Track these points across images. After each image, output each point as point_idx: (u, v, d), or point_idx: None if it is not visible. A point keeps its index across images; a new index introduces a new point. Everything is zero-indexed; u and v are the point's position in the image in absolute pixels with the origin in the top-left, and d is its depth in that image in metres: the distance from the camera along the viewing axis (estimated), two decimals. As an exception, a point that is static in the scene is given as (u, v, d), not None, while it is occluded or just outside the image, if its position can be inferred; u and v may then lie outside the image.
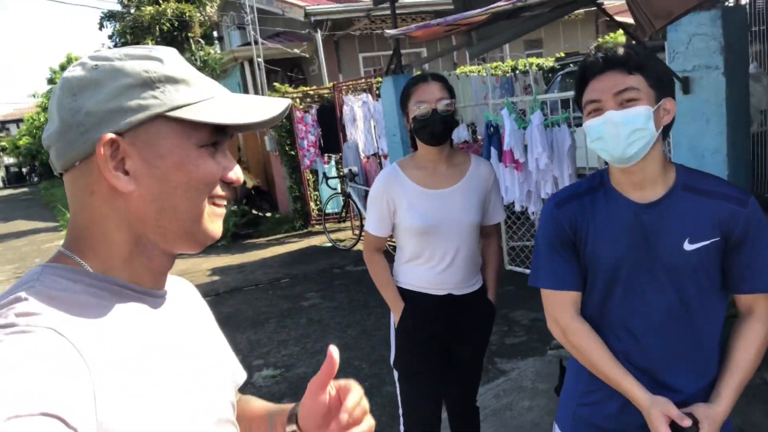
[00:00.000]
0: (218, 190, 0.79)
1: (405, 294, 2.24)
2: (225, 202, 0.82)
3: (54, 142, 0.75)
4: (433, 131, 2.06)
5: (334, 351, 0.78)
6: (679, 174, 1.44)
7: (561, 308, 1.51)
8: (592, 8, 12.84)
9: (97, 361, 0.65)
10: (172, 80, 0.75)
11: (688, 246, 1.39)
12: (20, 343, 0.60)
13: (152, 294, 0.80)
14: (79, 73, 0.74)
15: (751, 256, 1.40)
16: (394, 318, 2.26)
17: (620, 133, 1.34)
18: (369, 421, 0.83)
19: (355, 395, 0.82)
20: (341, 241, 7.80)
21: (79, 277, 0.73)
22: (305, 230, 8.91)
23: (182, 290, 0.92)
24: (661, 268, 1.42)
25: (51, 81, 30.28)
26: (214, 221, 0.80)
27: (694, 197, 1.41)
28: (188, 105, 0.75)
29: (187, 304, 0.90)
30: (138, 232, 0.76)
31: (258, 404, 1.00)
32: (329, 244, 7.74)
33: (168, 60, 0.77)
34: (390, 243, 3.98)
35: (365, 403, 0.84)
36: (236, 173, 0.81)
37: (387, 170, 2.23)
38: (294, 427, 0.85)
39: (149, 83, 0.74)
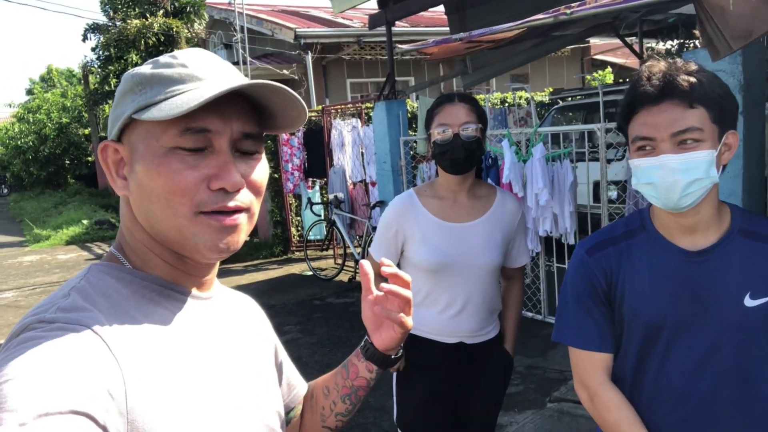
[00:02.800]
0: (206, 199, 0.72)
1: (409, 339, 1.93)
2: (236, 212, 0.74)
3: None
4: (453, 159, 1.81)
5: (365, 264, 0.90)
6: (735, 217, 1.23)
7: (590, 371, 1.29)
8: (579, 45, 12.88)
9: (130, 360, 0.65)
10: (154, 80, 0.73)
11: (749, 302, 1.17)
12: (57, 340, 0.61)
13: (194, 296, 0.79)
14: None
15: None
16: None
17: (677, 181, 1.12)
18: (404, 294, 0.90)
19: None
20: (322, 270, 7.45)
21: (122, 274, 0.75)
22: (285, 257, 8.54)
23: (241, 304, 0.92)
24: (715, 327, 1.18)
25: (30, 92, 29.64)
26: (210, 233, 0.73)
27: (754, 244, 1.19)
28: (157, 103, 0.70)
29: (239, 317, 0.88)
30: (151, 234, 0.76)
31: (332, 371, 1.04)
32: (309, 273, 7.38)
33: (172, 60, 0.74)
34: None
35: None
36: (225, 180, 0.72)
37: (402, 197, 1.97)
38: (365, 339, 0.96)
39: (134, 88, 0.73)
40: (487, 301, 1.92)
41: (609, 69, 12.48)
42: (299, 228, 8.58)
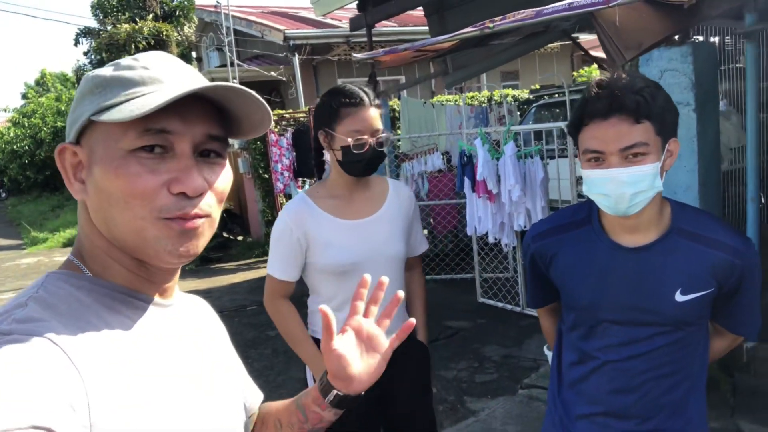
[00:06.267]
0: (167, 204, 0.70)
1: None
2: (197, 218, 0.73)
3: None
4: (367, 167, 1.80)
5: (326, 309, 0.83)
6: (675, 216, 1.32)
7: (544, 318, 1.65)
8: (567, 42, 13.06)
9: (91, 370, 0.63)
10: (114, 82, 0.72)
11: (680, 297, 1.28)
12: (14, 352, 0.59)
13: (156, 303, 0.78)
14: None
15: (738, 302, 1.34)
16: (315, 377, 1.91)
17: (625, 193, 1.21)
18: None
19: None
20: (312, 267, 7.62)
21: (81, 282, 0.72)
22: (276, 255, 8.71)
23: (197, 308, 0.91)
24: (647, 317, 1.31)
25: (24, 96, 29.78)
26: (171, 237, 0.71)
27: (689, 244, 1.29)
28: (116, 105, 0.69)
29: (198, 321, 0.88)
30: (109, 239, 0.74)
31: (282, 402, 1.02)
32: (300, 271, 7.56)
33: (134, 63, 0.74)
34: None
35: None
36: (186, 184, 0.71)
37: (294, 202, 1.88)
38: (324, 381, 0.91)
39: (93, 90, 0.72)
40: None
41: (595, 65, 12.61)
42: (290, 227, 8.74)
